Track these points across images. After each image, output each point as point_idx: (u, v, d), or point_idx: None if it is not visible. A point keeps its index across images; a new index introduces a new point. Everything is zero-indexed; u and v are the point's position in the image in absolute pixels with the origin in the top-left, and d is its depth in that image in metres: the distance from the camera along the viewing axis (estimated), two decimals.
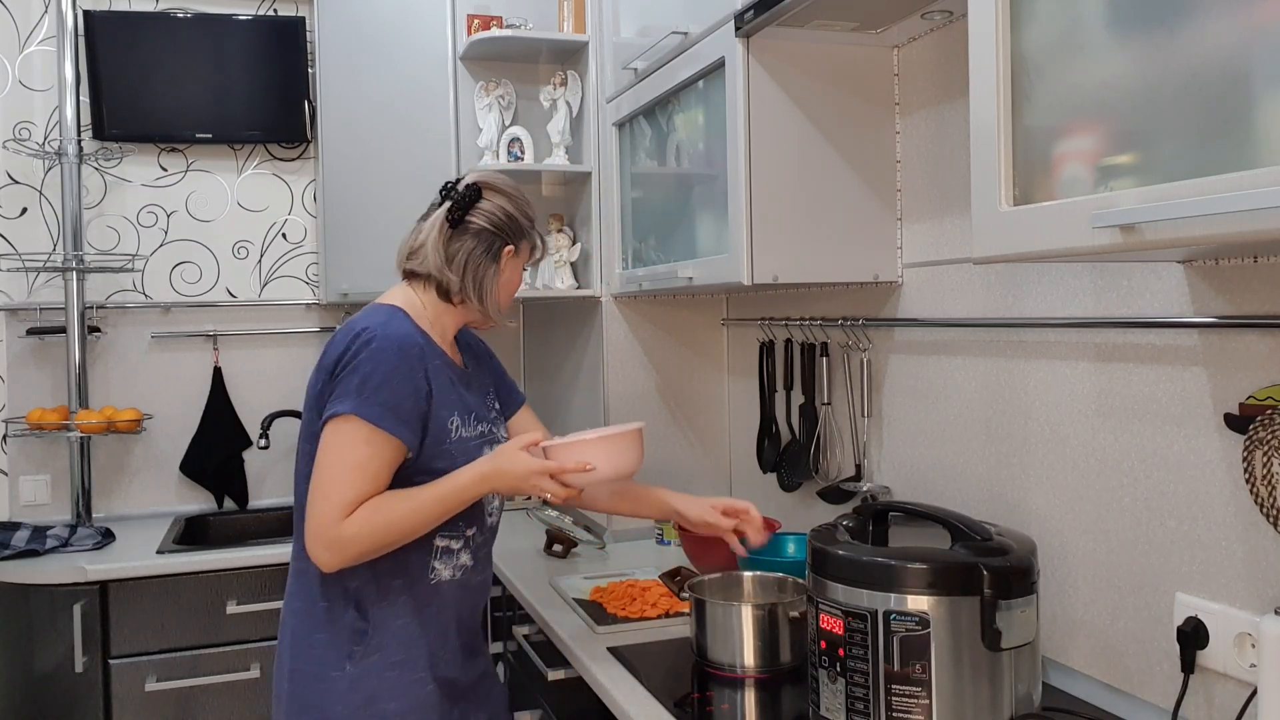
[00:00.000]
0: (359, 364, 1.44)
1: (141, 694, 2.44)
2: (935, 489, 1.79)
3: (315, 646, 1.51)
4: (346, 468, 1.42)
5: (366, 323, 1.48)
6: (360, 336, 1.46)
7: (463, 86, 2.73)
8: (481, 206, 1.57)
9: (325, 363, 1.49)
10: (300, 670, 1.52)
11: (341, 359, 1.46)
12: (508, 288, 1.62)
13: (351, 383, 1.43)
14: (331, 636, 1.50)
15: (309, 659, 1.51)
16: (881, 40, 1.82)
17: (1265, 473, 1.17)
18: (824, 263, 1.84)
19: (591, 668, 1.65)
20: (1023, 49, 1.07)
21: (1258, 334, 1.19)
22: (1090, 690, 1.45)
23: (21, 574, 2.39)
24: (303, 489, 1.52)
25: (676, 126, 2.09)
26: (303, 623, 1.53)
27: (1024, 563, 1.26)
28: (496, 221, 1.57)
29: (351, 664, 1.50)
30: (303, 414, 1.54)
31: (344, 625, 1.50)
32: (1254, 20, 0.81)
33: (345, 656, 1.50)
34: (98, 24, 2.88)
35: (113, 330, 3.00)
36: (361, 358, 1.44)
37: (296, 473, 1.55)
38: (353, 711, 1.49)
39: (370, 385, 1.43)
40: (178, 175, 3.07)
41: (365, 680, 1.49)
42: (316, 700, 1.50)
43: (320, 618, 1.51)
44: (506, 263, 1.59)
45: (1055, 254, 1.02)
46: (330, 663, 1.50)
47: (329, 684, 1.50)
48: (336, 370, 1.46)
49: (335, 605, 1.51)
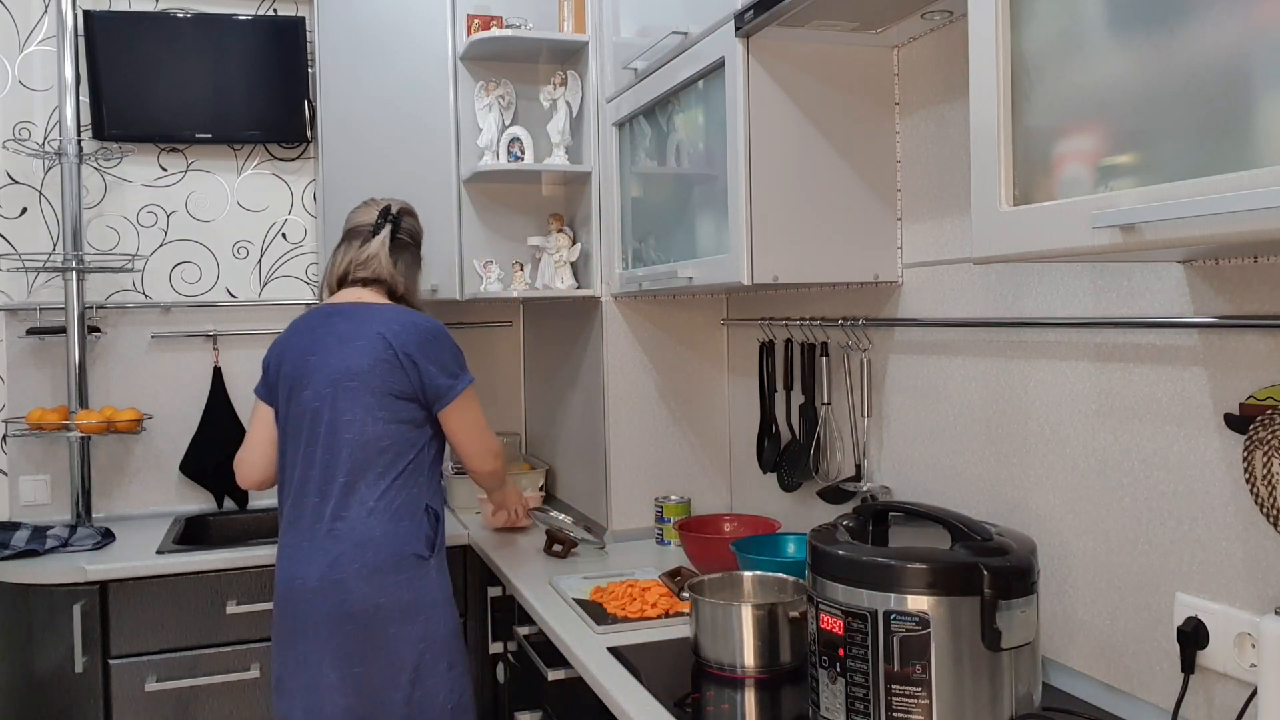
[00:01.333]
0: (448, 345, 2.05)
1: (141, 694, 2.44)
2: (935, 489, 1.79)
3: (409, 556, 1.99)
4: (482, 414, 2.13)
5: (417, 317, 2.05)
6: (431, 326, 2.05)
7: (463, 86, 2.73)
8: (403, 225, 2.17)
9: (415, 351, 2.00)
10: (400, 579, 1.98)
11: (423, 345, 2.01)
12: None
13: (458, 360, 2.06)
14: (419, 545, 2.01)
15: (405, 567, 1.98)
16: (881, 40, 1.82)
17: (1265, 473, 1.17)
18: (824, 263, 1.84)
19: (591, 668, 1.65)
20: (1023, 49, 1.07)
21: (1258, 334, 1.19)
22: (1090, 690, 1.45)
23: (21, 574, 2.39)
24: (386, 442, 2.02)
25: (676, 126, 2.09)
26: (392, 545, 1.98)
27: (1024, 563, 1.26)
28: (416, 236, 2.21)
29: (433, 557, 2.03)
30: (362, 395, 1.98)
31: (423, 535, 2.02)
32: (1254, 20, 0.81)
33: (427, 556, 2.01)
34: (98, 24, 2.88)
35: (113, 330, 3.00)
36: (446, 340, 2.04)
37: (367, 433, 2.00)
38: (442, 594, 2.03)
39: (460, 358, 2.07)
40: (178, 175, 3.07)
41: (440, 569, 2.05)
42: (416, 593, 1.99)
43: (408, 535, 2.00)
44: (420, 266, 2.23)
45: (1055, 254, 1.02)
46: (420, 564, 2.00)
47: (423, 576, 1.99)
48: (426, 353, 2.01)
49: (416, 521, 2.02)
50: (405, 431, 1.99)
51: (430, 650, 1.96)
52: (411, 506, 2.00)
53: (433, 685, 1.96)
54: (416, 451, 2.02)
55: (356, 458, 1.97)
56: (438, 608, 1.99)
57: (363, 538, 1.94)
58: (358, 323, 2.01)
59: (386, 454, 1.98)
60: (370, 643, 1.93)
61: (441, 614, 2.00)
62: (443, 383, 2.00)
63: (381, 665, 1.93)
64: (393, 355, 1.97)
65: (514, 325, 3.36)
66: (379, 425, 1.97)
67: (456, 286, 2.76)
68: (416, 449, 2.01)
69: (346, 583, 1.93)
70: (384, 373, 1.97)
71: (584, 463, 2.74)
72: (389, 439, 1.98)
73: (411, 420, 2.00)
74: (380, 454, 1.98)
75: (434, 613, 1.98)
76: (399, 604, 1.94)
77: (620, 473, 2.55)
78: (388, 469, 1.98)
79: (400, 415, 1.99)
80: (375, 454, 1.98)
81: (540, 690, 2.08)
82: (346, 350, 1.98)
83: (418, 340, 1.99)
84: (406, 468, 2.00)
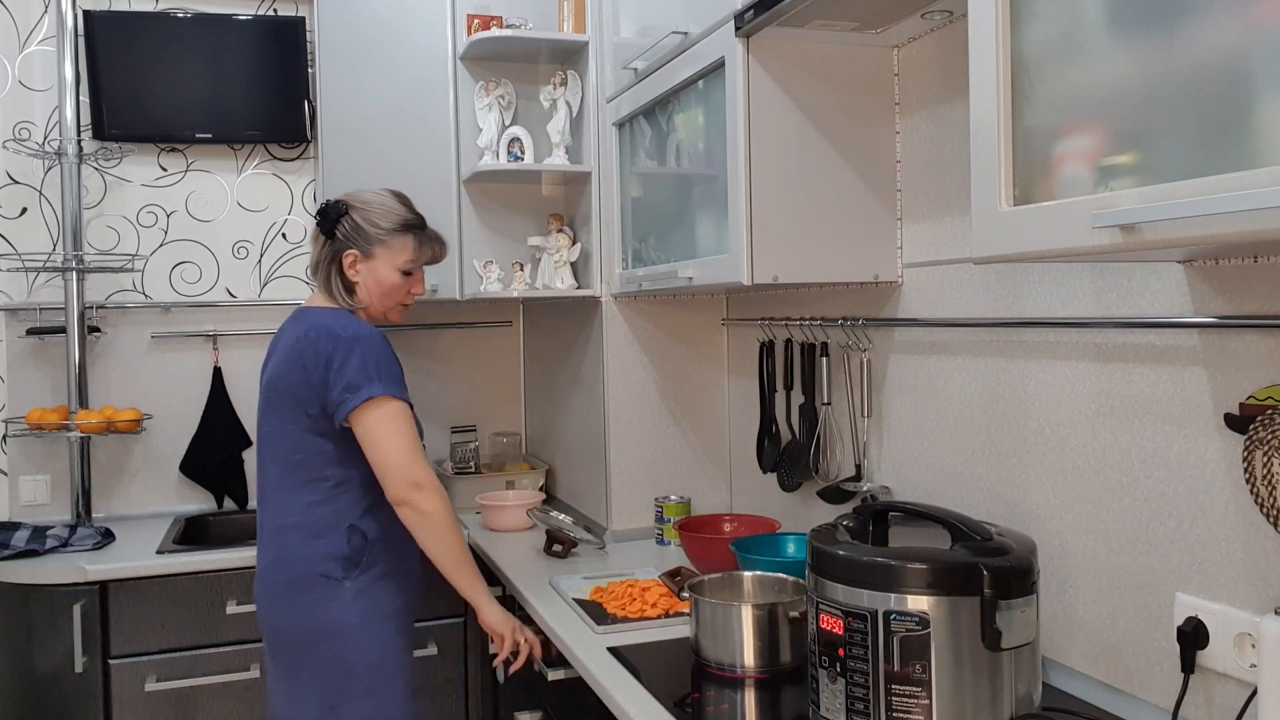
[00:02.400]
0: (361, 353, 1.82)
1: (141, 694, 2.44)
2: (935, 489, 1.79)
3: (318, 577, 1.86)
4: (404, 434, 1.85)
5: (334, 321, 1.86)
6: (341, 332, 1.84)
7: (463, 86, 2.73)
8: (343, 220, 1.96)
9: (311, 359, 1.83)
10: (305, 601, 1.86)
11: (327, 352, 1.82)
12: (371, 286, 1.97)
13: (368, 371, 1.82)
14: (331, 565, 1.87)
15: (313, 589, 1.86)
16: (881, 40, 1.82)
17: (1265, 473, 1.17)
18: (824, 263, 1.84)
19: (591, 668, 1.65)
20: (1023, 49, 1.07)
21: (1258, 334, 1.19)
22: (1090, 690, 1.45)
23: (21, 574, 2.39)
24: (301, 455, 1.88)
25: (676, 126, 2.09)
26: (301, 564, 1.87)
27: (1024, 563, 1.26)
28: (345, 233, 1.96)
29: (350, 581, 1.88)
30: (279, 403, 1.88)
31: (340, 556, 1.87)
32: (1254, 20, 0.81)
33: (343, 579, 1.87)
34: (97, 24, 2.88)
35: (113, 330, 3.00)
36: (358, 347, 1.82)
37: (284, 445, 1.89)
38: (359, 617, 1.87)
39: (382, 368, 1.84)
40: (178, 175, 3.07)
41: (362, 592, 1.89)
42: (324, 617, 1.86)
43: (321, 554, 1.87)
44: (358, 265, 1.96)
45: (1055, 254, 1.02)
46: (332, 586, 1.86)
47: (333, 600, 1.86)
48: (330, 361, 1.82)
49: (333, 541, 1.88)
50: (322, 444, 1.87)
51: (347, 678, 1.86)
52: (331, 524, 1.88)
53: (351, 712, 1.86)
54: (342, 466, 1.88)
55: (278, 471, 1.90)
56: (353, 633, 1.87)
57: (279, 554, 1.89)
58: (292, 328, 1.92)
59: (304, 467, 1.88)
60: (285, 662, 1.89)
61: (359, 640, 1.87)
62: (338, 394, 1.81)
63: (295, 686, 1.89)
64: (301, 363, 1.84)
65: (514, 325, 3.36)
66: (295, 437, 1.87)
67: (456, 286, 2.76)
68: (341, 463, 1.88)
69: (265, 599, 1.90)
70: (295, 382, 1.85)
71: (584, 463, 2.74)
72: (304, 452, 1.87)
73: (327, 433, 1.86)
74: (298, 467, 1.88)
75: (349, 638, 1.86)
76: (307, 626, 1.86)
77: (620, 473, 2.55)
78: (308, 483, 1.88)
79: (315, 427, 1.86)
80: (293, 467, 1.88)
81: (540, 690, 2.08)
82: (275, 358, 1.92)
83: (323, 347, 1.83)
84: (329, 482, 1.88)
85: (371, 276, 1.96)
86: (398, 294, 1.99)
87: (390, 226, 1.96)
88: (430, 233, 2.03)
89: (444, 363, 3.29)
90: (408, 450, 1.83)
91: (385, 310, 2.01)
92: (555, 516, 2.48)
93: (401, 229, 1.97)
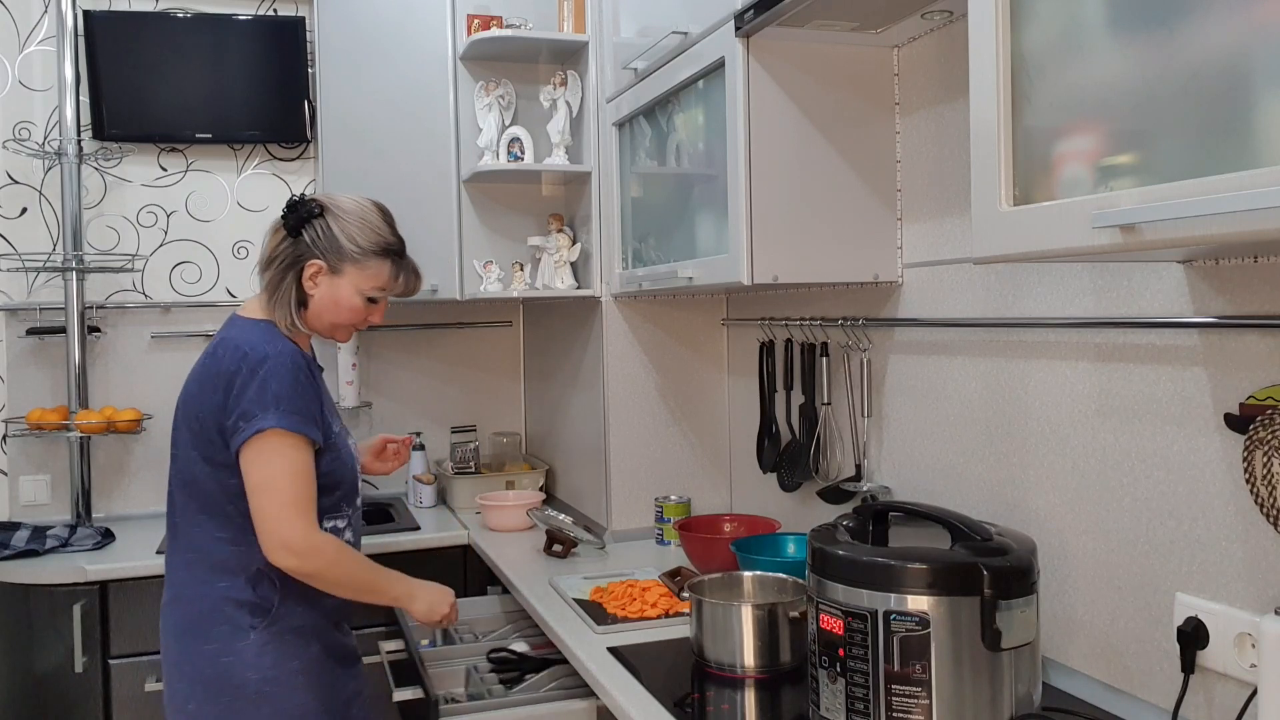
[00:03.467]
0: (261, 377, 1.60)
1: (141, 694, 2.44)
2: (935, 489, 1.79)
3: (220, 623, 1.65)
4: (295, 486, 1.61)
5: (241, 336, 1.65)
6: (245, 351, 1.63)
7: (463, 86, 2.73)
8: (314, 223, 1.71)
9: (213, 380, 1.63)
10: (204, 650, 1.65)
11: (226, 374, 1.62)
12: (327, 304, 1.73)
13: (264, 398, 1.59)
14: (235, 611, 1.65)
15: (212, 637, 1.65)
16: (881, 40, 1.82)
17: (1265, 473, 1.16)
18: (824, 263, 1.84)
19: (591, 668, 1.65)
20: (1023, 49, 1.07)
21: (1258, 334, 1.19)
22: (1090, 690, 1.45)
23: (21, 574, 2.38)
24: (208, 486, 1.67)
25: (676, 126, 2.09)
26: (200, 605, 1.66)
27: (1024, 563, 1.26)
28: (314, 238, 1.70)
29: (256, 632, 1.65)
30: (185, 423, 1.68)
31: (246, 601, 1.66)
32: (1254, 20, 0.81)
33: (249, 628, 1.65)
34: (97, 24, 2.88)
35: (113, 330, 3.00)
36: (259, 370, 1.60)
37: (188, 473, 1.68)
38: (261, 674, 1.65)
39: (282, 398, 1.60)
40: (178, 175, 3.07)
41: (270, 644, 1.66)
42: (222, 672, 1.64)
43: (222, 597, 1.66)
44: (319, 279, 1.71)
45: (1055, 254, 1.02)
46: (235, 635, 1.65)
47: (236, 654, 1.64)
48: (228, 383, 1.61)
49: (237, 584, 1.66)
50: (224, 477, 1.63)
51: None
52: (236, 564, 1.65)
53: None
54: (245, 496, 1.62)
55: (182, 497, 1.69)
56: (251, 691, 1.63)
57: (177, 592, 1.69)
58: (215, 339, 1.72)
59: (208, 497, 1.65)
60: (176, 708, 1.68)
61: (266, 700, 1.63)
62: (233, 423, 1.59)
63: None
64: (203, 383, 1.64)
65: (514, 325, 3.36)
66: (197, 464, 1.65)
67: (456, 286, 2.76)
68: (246, 498, 1.62)
69: (164, 638, 1.71)
70: (197, 404, 1.64)
71: (584, 463, 2.74)
72: (208, 481, 1.65)
73: (229, 463, 1.63)
74: (202, 497, 1.66)
75: (247, 696, 1.63)
76: (201, 676, 1.63)
77: (620, 473, 2.55)
78: (212, 516, 1.65)
79: (218, 457, 1.63)
80: (195, 496, 1.66)
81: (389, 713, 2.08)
82: (190, 373, 1.71)
83: (226, 366, 1.61)
84: (236, 518, 1.64)
85: (331, 294, 1.71)
86: (353, 318, 1.75)
87: (368, 246, 1.72)
88: (409, 262, 1.81)
89: (444, 363, 3.29)
90: (278, 502, 1.57)
91: (331, 329, 1.76)
92: (555, 516, 2.48)
93: (381, 252, 1.73)
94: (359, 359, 3.11)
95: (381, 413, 3.23)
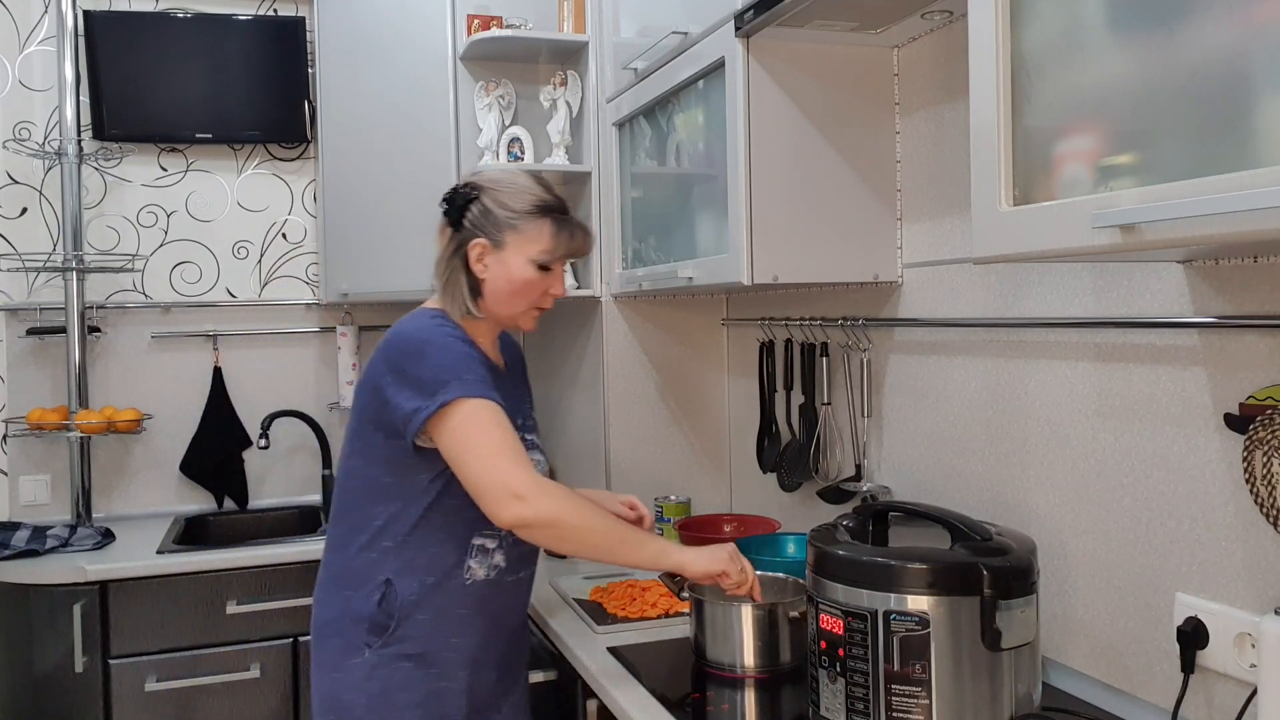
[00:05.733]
0: (429, 355, 1.48)
1: (141, 694, 2.44)
2: (935, 489, 1.79)
3: (335, 635, 1.56)
4: (497, 436, 1.45)
5: (415, 326, 1.53)
6: (408, 331, 1.51)
7: (463, 86, 2.73)
8: (471, 207, 1.59)
9: (382, 367, 1.52)
10: (323, 661, 1.57)
11: (391, 358, 1.50)
12: (500, 284, 1.58)
13: (443, 374, 1.46)
14: (352, 625, 1.55)
15: (330, 648, 1.56)
16: (881, 40, 1.82)
17: (1265, 473, 1.16)
18: (824, 263, 1.84)
19: (591, 668, 1.65)
20: (1023, 49, 1.07)
21: (1258, 334, 1.19)
22: (1090, 690, 1.45)
23: (21, 574, 2.38)
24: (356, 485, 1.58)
25: (676, 126, 2.09)
26: (325, 613, 1.58)
27: (1024, 563, 1.26)
28: (474, 218, 1.58)
29: (370, 651, 1.53)
30: (351, 418, 1.60)
31: (366, 616, 1.54)
32: (1254, 20, 0.81)
33: (364, 645, 1.54)
34: (97, 24, 2.88)
35: (113, 330, 3.00)
36: (425, 349, 1.48)
37: (345, 466, 1.60)
38: (369, 699, 1.53)
39: (461, 369, 1.47)
40: (178, 175, 3.07)
41: (381, 669, 1.53)
42: (333, 689, 1.55)
43: (343, 608, 1.56)
44: (486, 259, 1.58)
45: (1055, 254, 1.02)
46: (349, 652, 1.54)
47: (346, 671, 1.54)
48: (394, 367, 1.50)
49: (360, 596, 1.55)
50: (382, 474, 1.54)
51: None
52: (365, 572, 1.55)
53: None
54: (389, 502, 1.54)
55: (337, 499, 1.61)
56: (356, 717, 1.52)
57: (316, 595, 1.63)
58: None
59: (357, 499, 1.57)
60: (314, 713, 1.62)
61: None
62: (405, 407, 1.47)
63: None
64: (368, 373, 1.56)
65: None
66: (354, 461, 1.58)
67: None
68: (390, 499, 1.54)
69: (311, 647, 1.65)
70: (362, 396, 1.56)
71: (584, 463, 2.74)
72: (357, 480, 1.57)
73: (391, 459, 1.53)
74: (351, 497, 1.58)
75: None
76: (319, 688, 1.57)
77: (620, 473, 2.55)
78: (357, 519, 1.57)
79: (380, 452, 1.54)
80: (346, 497, 1.59)
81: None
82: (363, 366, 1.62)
83: (387, 352, 1.52)
84: (376, 521, 1.55)
85: (502, 272, 1.57)
86: (531, 293, 1.60)
87: (522, 208, 1.58)
88: (572, 219, 1.62)
89: None
90: (486, 456, 1.43)
91: (515, 315, 1.62)
92: None
93: (536, 211, 1.58)
94: (359, 359, 3.11)
95: None
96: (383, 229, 2.82)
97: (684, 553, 1.52)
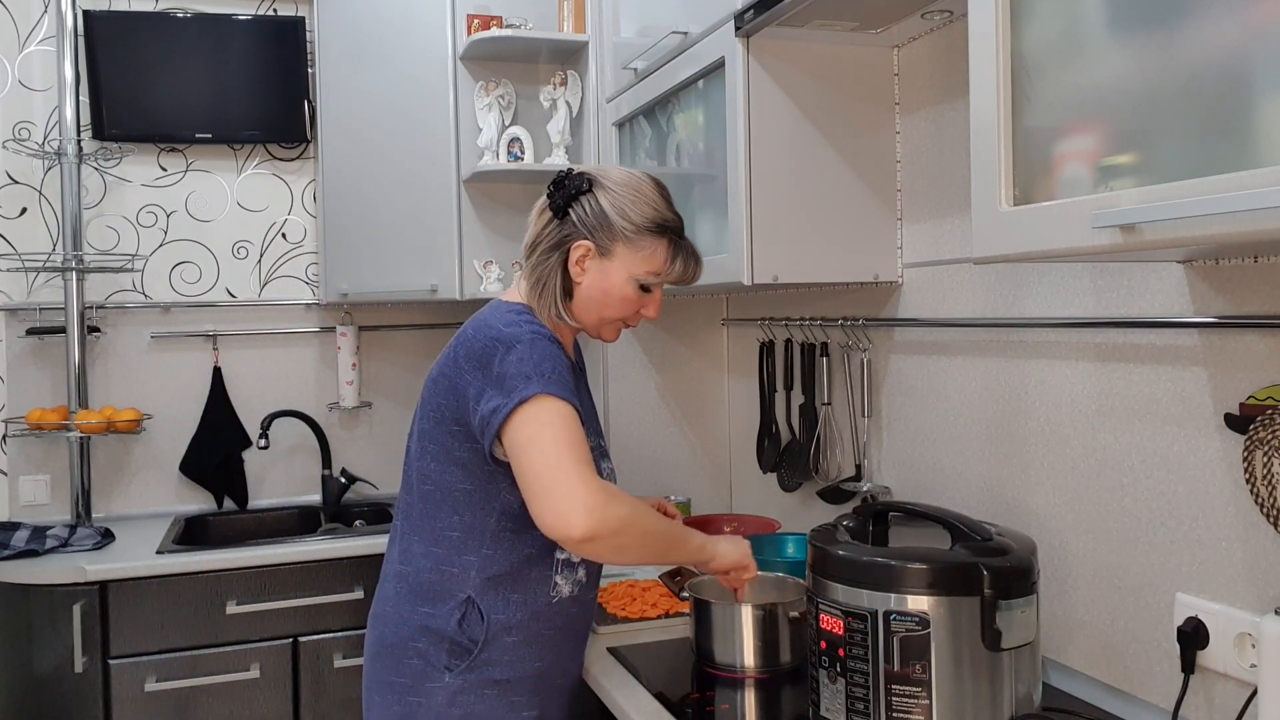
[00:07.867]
0: (512, 354, 1.36)
1: (141, 694, 2.44)
2: (935, 489, 1.79)
3: (412, 655, 1.44)
4: (571, 439, 1.32)
5: (503, 323, 1.42)
6: (506, 333, 1.39)
7: (463, 86, 2.73)
8: (582, 200, 1.47)
9: (465, 363, 1.41)
10: (394, 682, 1.45)
11: (472, 354, 1.40)
12: (595, 293, 1.48)
13: (524, 371, 1.34)
14: (431, 645, 1.43)
15: (404, 669, 1.44)
16: (881, 40, 1.82)
17: (1265, 473, 1.16)
18: (824, 263, 1.84)
19: (591, 668, 1.65)
20: (1023, 49, 1.07)
21: (1258, 334, 1.19)
22: (1090, 690, 1.45)
23: (21, 574, 2.38)
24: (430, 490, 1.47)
25: (676, 126, 2.09)
26: (398, 630, 1.46)
27: (1024, 563, 1.26)
28: (582, 216, 1.46)
29: (452, 675, 1.42)
30: (424, 412, 1.49)
31: (447, 636, 1.43)
32: (1254, 20, 0.81)
33: (444, 668, 1.43)
34: (97, 24, 2.88)
35: (112, 330, 3.00)
36: (506, 348, 1.37)
37: (418, 469, 1.48)
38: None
39: (544, 368, 1.35)
40: (177, 175, 3.07)
41: (464, 695, 1.42)
42: (408, 712, 1.43)
43: (420, 625, 1.45)
44: (587, 263, 1.47)
45: (1055, 254, 1.02)
46: (427, 674, 1.43)
47: (424, 695, 1.43)
48: (473, 364, 1.39)
49: (440, 613, 1.44)
50: (458, 476, 1.43)
51: None
52: (444, 587, 1.44)
53: None
54: (474, 510, 1.43)
55: (408, 498, 1.50)
56: None
57: (380, 608, 1.50)
58: (467, 324, 1.50)
59: (430, 502, 1.46)
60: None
61: None
62: (484, 408, 1.35)
63: None
64: (454, 366, 1.43)
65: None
66: (426, 461, 1.45)
67: (456, 286, 2.76)
68: (474, 506, 1.43)
69: (365, 653, 1.54)
70: (443, 390, 1.44)
71: None
72: (431, 484, 1.45)
73: (468, 464, 1.42)
74: (424, 500, 1.46)
75: None
76: (389, 710, 1.46)
77: (620, 473, 2.55)
78: (433, 529, 1.45)
79: (453, 453, 1.43)
80: (419, 499, 1.47)
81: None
82: (438, 359, 1.51)
83: (478, 348, 1.39)
84: (457, 529, 1.44)
85: (600, 281, 1.47)
86: (625, 309, 1.50)
87: (642, 222, 1.46)
88: (688, 244, 1.53)
89: None
90: (561, 465, 1.29)
91: (599, 326, 1.53)
92: None
93: (656, 229, 1.47)
94: (359, 359, 3.11)
95: (381, 413, 3.23)
96: (383, 229, 2.82)
97: (718, 543, 1.50)
